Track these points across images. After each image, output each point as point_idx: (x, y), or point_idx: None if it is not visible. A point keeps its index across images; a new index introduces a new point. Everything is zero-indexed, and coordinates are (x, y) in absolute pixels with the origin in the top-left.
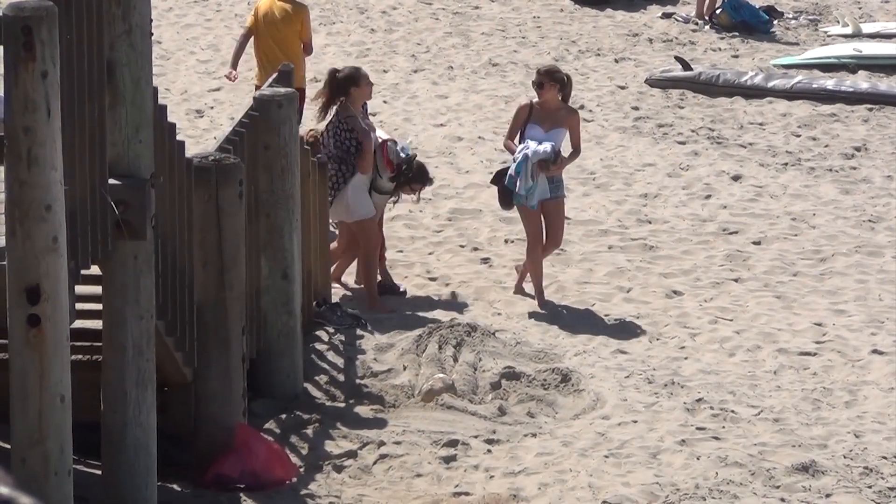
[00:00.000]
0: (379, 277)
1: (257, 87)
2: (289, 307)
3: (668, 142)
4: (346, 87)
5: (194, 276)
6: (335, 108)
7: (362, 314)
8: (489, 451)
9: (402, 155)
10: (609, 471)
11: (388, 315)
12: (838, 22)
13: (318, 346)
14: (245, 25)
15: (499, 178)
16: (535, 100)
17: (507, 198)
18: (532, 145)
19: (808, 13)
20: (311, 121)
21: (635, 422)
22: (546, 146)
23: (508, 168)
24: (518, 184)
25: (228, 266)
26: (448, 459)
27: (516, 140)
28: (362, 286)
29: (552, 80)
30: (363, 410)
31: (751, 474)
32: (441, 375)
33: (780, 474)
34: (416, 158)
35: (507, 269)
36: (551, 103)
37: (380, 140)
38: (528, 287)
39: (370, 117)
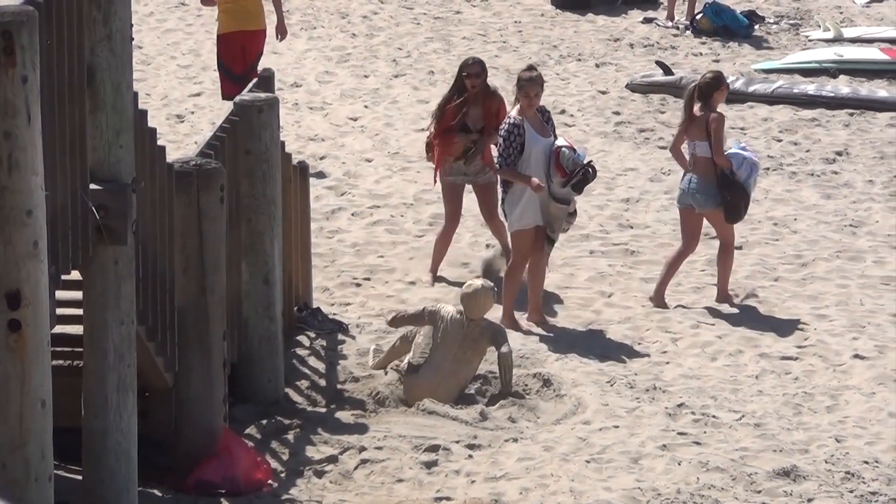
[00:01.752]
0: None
1: (219, 38)
2: (270, 312)
3: (649, 146)
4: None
5: (175, 282)
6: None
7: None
8: (470, 456)
9: (580, 161)
10: (590, 476)
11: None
12: (819, 26)
13: (300, 352)
14: None
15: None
16: (718, 111)
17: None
18: (748, 154)
19: (789, 18)
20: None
21: (617, 427)
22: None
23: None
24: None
25: (209, 271)
26: (429, 464)
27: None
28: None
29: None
30: (344, 415)
31: (732, 479)
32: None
33: (761, 479)
34: (592, 165)
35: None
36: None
37: (556, 146)
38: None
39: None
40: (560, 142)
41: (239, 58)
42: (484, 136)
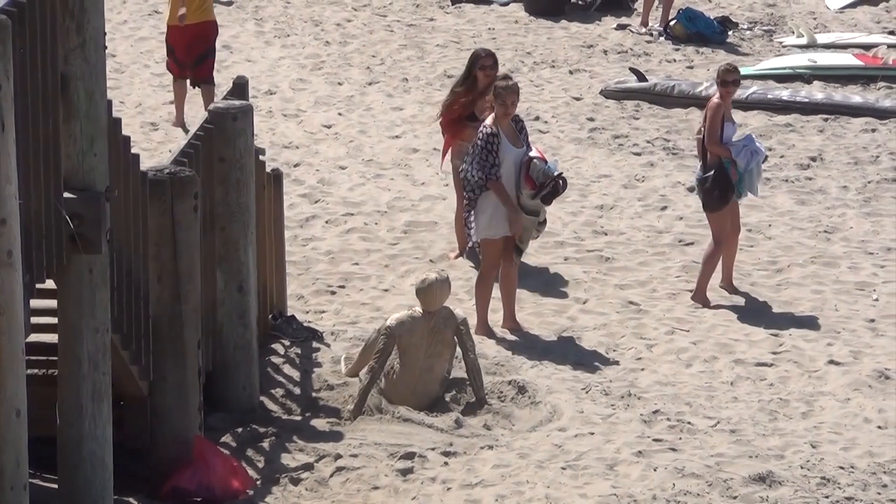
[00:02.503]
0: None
1: (170, 28)
2: (245, 320)
3: (623, 153)
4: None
5: (150, 290)
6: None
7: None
8: (446, 463)
9: (551, 173)
10: (566, 482)
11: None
12: (793, 32)
13: (274, 360)
14: None
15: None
16: (717, 99)
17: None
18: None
19: (762, 24)
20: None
21: (592, 433)
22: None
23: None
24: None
25: (184, 279)
26: (405, 472)
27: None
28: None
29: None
30: (319, 423)
31: (708, 485)
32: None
33: (737, 485)
34: (562, 177)
35: (462, 281)
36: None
37: (527, 156)
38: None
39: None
40: (532, 153)
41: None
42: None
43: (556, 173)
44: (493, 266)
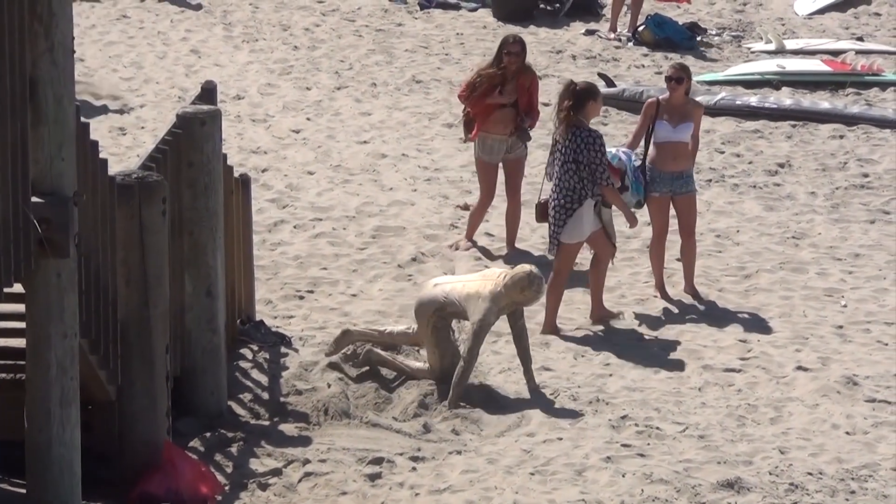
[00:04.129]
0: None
1: None
2: (213, 325)
3: None
4: (584, 100)
5: (118, 294)
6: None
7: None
8: (414, 468)
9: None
10: (534, 488)
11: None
12: (762, 38)
13: (243, 364)
14: None
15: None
16: (662, 96)
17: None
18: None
19: (731, 30)
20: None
21: (560, 439)
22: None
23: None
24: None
25: (152, 284)
26: (373, 477)
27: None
28: None
29: (688, 75)
30: (288, 428)
31: (676, 491)
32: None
33: (705, 491)
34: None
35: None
36: (681, 98)
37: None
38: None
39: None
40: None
41: None
42: (520, 111)
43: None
44: (568, 271)
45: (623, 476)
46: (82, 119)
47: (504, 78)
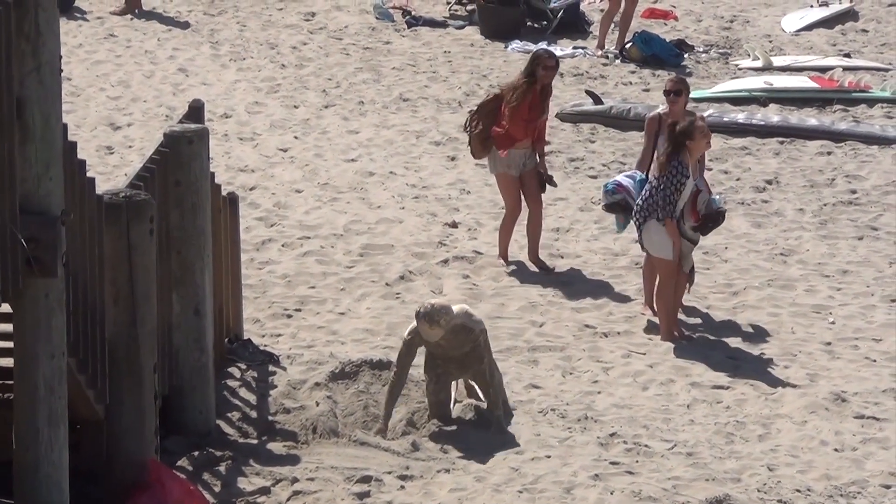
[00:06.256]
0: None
1: None
2: (201, 344)
3: (579, 176)
4: (682, 140)
5: (105, 314)
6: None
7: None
8: (402, 486)
9: (714, 207)
10: None
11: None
12: (749, 55)
13: (231, 383)
14: None
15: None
16: (662, 111)
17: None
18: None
19: (718, 47)
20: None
21: (549, 457)
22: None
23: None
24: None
25: (140, 303)
26: (361, 495)
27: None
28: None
29: (687, 88)
30: (276, 447)
31: None
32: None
33: None
34: (723, 212)
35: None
36: (681, 111)
37: (696, 189)
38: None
39: None
40: (700, 185)
41: None
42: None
43: (718, 207)
44: (673, 280)
45: (612, 493)
46: (69, 138)
47: (544, 93)
